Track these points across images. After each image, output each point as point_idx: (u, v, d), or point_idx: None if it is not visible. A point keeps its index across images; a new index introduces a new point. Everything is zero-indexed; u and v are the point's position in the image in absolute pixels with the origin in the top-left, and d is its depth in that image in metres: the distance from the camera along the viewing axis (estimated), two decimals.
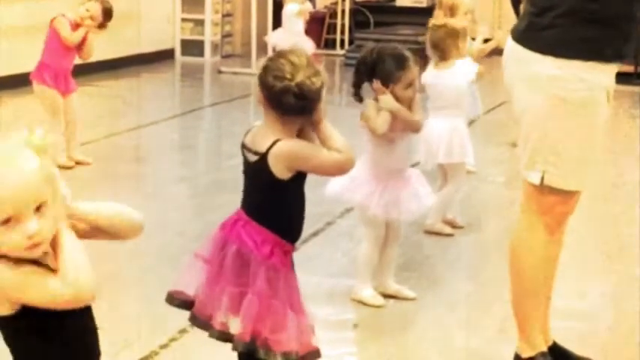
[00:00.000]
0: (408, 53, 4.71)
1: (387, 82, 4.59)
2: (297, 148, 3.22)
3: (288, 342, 3.20)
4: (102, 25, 7.14)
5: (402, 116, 4.60)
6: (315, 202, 3.46)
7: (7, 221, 2.06)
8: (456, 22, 6.05)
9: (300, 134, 3.26)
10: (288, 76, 3.17)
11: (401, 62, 4.62)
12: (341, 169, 3.31)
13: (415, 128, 4.74)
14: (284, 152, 3.19)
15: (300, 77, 3.17)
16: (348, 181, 4.59)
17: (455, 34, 5.85)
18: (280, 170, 3.19)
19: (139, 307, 4.38)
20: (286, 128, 3.23)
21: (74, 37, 7.02)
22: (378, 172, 4.66)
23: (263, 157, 3.20)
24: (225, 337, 3.27)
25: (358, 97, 4.65)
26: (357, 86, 4.65)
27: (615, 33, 3.60)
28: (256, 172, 3.25)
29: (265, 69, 3.24)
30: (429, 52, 5.98)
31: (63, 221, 2.17)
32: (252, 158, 3.25)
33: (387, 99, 4.57)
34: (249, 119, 9.76)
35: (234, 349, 3.22)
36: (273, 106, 3.21)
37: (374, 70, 4.60)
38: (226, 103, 10.80)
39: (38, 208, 2.08)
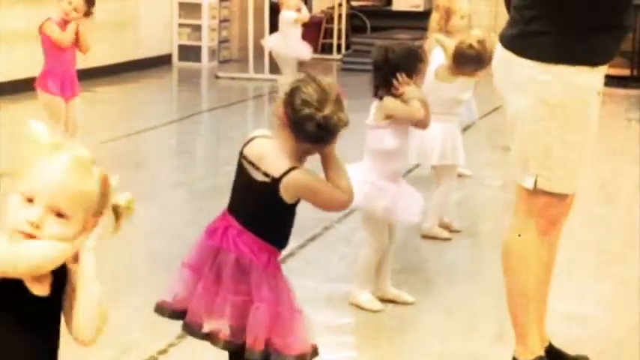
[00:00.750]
0: (416, 45, 4.89)
1: (412, 74, 4.67)
2: (312, 184, 3.26)
3: (299, 345, 3.24)
4: (88, 13, 7.04)
5: (425, 105, 4.69)
6: (313, 207, 3.46)
7: (29, 200, 2.11)
8: (491, 50, 5.90)
9: (302, 158, 3.31)
10: (316, 104, 3.20)
11: (420, 55, 4.76)
12: (340, 208, 3.43)
13: (428, 122, 4.79)
14: (298, 184, 3.23)
15: (328, 110, 3.20)
16: (368, 187, 4.58)
17: (482, 63, 5.76)
18: (289, 196, 3.24)
19: (138, 313, 4.38)
20: (296, 150, 3.26)
21: (66, 37, 6.96)
22: (389, 173, 4.66)
23: (275, 181, 3.23)
24: (231, 346, 3.28)
25: (380, 96, 4.68)
26: (377, 86, 4.70)
27: (603, 39, 3.62)
28: (263, 191, 3.27)
29: (295, 89, 3.25)
30: (446, 60, 5.92)
31: (71, 250, 2.17)
32: (260, 178, 3.26)
33: (414, 89, 4.65)
34: (247, 124, 9.76)
35: (249, 357, 3.22)
36: (292, 128, 3.23)
37: (397, 66, 4.64)
38: (224, 108, 10.80)
39: (59, 215, 2.12)
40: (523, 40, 3.67)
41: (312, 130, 3.19)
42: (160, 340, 4.24)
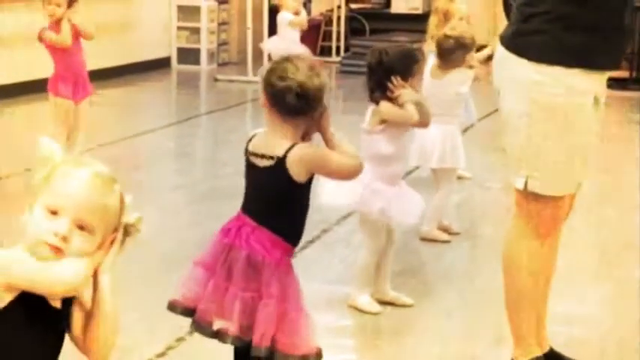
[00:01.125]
0: (413, 47, 4.88)
1: (407, 76, 4.64)
2: (317, 152, 3.31)
3: (304, 345, 3.25)
4: (71, 3, 6.95)
5: (423, 107, 4.68)
6: (312, 209, 3.46)
7: (53, 212, 2.15)
8: (467, 32, 5.99)
9: (304, 139, 3.35)
10: (291, 75, 3.29)
11: (415, 56, 4.74)
12: (354, 173, 3.41)
13: (429, 119, 4.80)
14: (304, 156, 3.27)
15: (301, 77, 3.28)
16: (363, 190, 4.58)
17: (465, 46, 5.82)
18: (298, 173, 3.27)
19: (136, 315, 4.37)
20: (292, 130, 3.31)
21: (64, 37, 6.88)
22: (385, 176, 4.65)
23: (280, 160, 3.26)
24: (239, 342, 3.28)
25: (376, 100, 4.67)
26: (373, 89, 4.68)
27: (602, 41, 3.59)
28: (270, 175, 3.29)
29: (270, 71, 3.35)
30: (434, 59, 5.96)
31: (93, 267, 2.20)
32: (265, 163, 3.30)
33: (409, 92, 4.63)
34: (246, 127, 9.76)
35: (255, 354, 3.23)
36: (275, 105, 3.30)
37: (391, 69, 4.62)
38: (222, 110, 10.80)
39: (81, 227, 2.16)
40: (520, 39, 3.66)
41: (292, 101, 3.27)
42: (159, 343, 4.24)
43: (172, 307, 3.39)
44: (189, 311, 3.36)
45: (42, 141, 2.24)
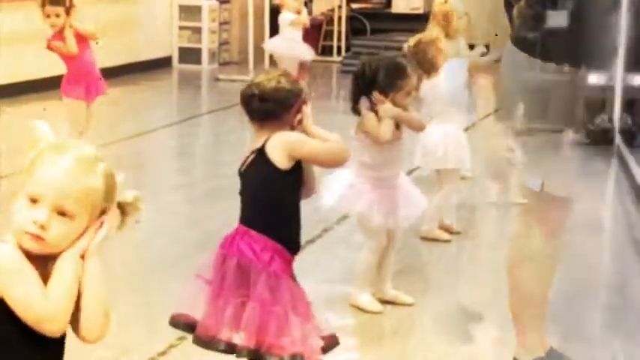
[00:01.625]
0: (404, 61, 4.79)
1: (388, 91, 4.62)
2: (296, 136, 3.36)
3: (293, 345, 3.25)
4: (69, 10, 6.94)
5: (404, 119, 4.68)
6: (312, 209, 3.48)
7: (33, 200, 2.13)
8: (426, 34, 6.08)
9: None
10: (254, 82, 3.44)
11: (401, 71, 4.68)
12: (338, 157, 3.44)
13: (419, 127, 4.85)
14: (281, 139, 3.32)
15: (259, 79, 3.42)
16: (345, 189, 4.60)
17: (432, 42, 5.83)
18: (280, 158, 3.30)
19: (138, 315, 4.38)
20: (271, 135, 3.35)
21: (70, 46, 6.89)
22: (374, 180, 4.66)
23: (260, 150, 3.31)
24: (231, 349, 3.29)
25: (357, 111, 4.67)
26: (355, 100, 4.67)
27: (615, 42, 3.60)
28: (254, 169, 3.34)
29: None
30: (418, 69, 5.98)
31: (79, 252, 2.19)
32: (249, 160, 3.35)
33: (387, 107, 4.61)
34: (246, 126, 9.72)
35: (240, 356, 3.24)
36: (249, 113, 3.42)
37: (373, 83, 4.61)
38: (223, 110, 10.80)
39: (62, 214, 2.13)
40: (536, 40, 3.62)
41: (257, 105, 3.38)
42: (160, 342, 4.24)
43: (174, 322, 3.41)
44: (190, 326, 3.37)
45: (36, 125, 2.23)
